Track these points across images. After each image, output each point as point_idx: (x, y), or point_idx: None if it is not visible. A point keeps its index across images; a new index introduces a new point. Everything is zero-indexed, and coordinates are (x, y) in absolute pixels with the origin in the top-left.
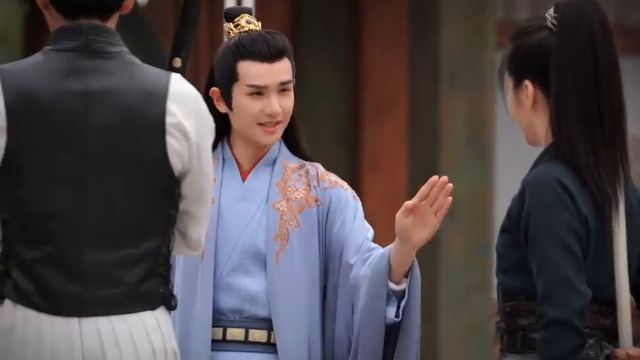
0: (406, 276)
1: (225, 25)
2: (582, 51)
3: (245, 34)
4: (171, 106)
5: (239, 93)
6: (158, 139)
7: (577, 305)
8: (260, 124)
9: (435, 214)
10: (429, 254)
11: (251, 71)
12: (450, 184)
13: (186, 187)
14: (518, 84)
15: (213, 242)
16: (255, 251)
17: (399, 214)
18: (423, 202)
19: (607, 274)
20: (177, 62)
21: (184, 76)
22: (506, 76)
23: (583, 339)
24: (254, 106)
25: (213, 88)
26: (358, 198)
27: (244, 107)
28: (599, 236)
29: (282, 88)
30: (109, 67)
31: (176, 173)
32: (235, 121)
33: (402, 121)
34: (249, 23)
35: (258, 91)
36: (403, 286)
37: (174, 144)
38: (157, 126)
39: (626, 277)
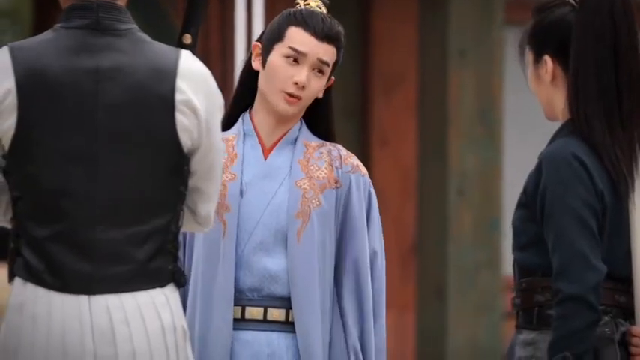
0: None
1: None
2: (602, 26)
3: (309, 7)
4: (181, 83)
5: (278, 52)
6: (168, 117)
7: (592, 281)
8: (283, 92)
9: None
10: (437, 231)
11: (298, 37)
12: None
13: (195, 164)
14: (538, 59)
15: (236, 218)
16: (277, 229)
17: None
18: None
19: (623, 252)
20: (187, 39)
21: (194, 53)
22: (527, 51)
23: (598, 315)
24: (286, 70)
25: (256, 42)
26: (373, 188)
27: (277, 67)
28: (615, 213)
29: (318, 68)
30: (120, 45)
31: (185, 150)
32: (263, 82)
33: (411, 97)
34: (320, 8)
35: (295, 57)
36: None
37: (183, 121)
38: (167, 103)
39: None
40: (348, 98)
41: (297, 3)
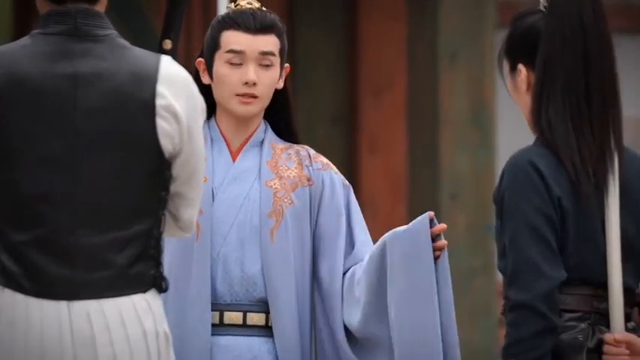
0: None
1: (228, 7)
2: (572, 32)
3: (238, 7)
4: (162, 88)
5: (219, 61)
6: (148, 122)
7: (542, 289)
8: (237, 95)
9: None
10: None
11: (232, 39)
12: (444, 225)
13: (177, 169)
14: (513, 68)
15: (209, 221)
16: (251, 230)
17: None
18: None
19: (599, 256)
20: (168, 44)
21: (175, 58)
22: (504, 61)
23: (549, 323)
24: (232, 74)
25: (199, 59)
26: (348, 183)
27: (223, 75)
28: (580, 217)
29: (263, 62)
30: (98, 50)
31: (167, 155)
32: (216, 93)
33: (400, 102)
34: (250, 4)
35: (237, 59)
36: None
37: (164, 126)
38: (147, 108)
39: (618, 260)
40: (336, 103)
41: (229, 7)
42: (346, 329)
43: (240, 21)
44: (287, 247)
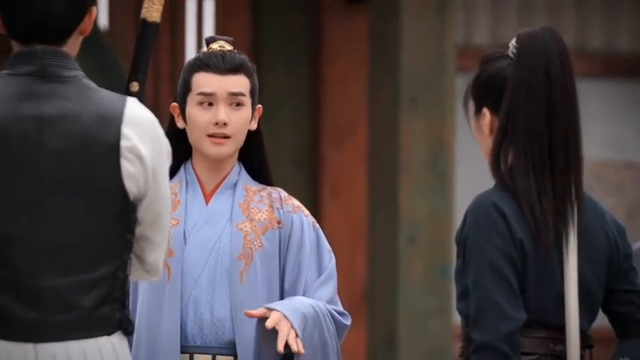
0: None
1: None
2: (537, 83)
3: (209, 50)
4: (126, 130)
5: (191, 104)
6: (113, 163)
7: (504, 330)
8: (209, 136)
9: None
10: (388, 280)
11: (202, 81)
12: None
13: (142, 212)
14: (478, 111)
15: (180, 263)
16: (221, 273)
17: None
18: None
19: (555, 300)
20: (135, 86)
21: (142, 99)
22: (470, 102)
23: None
24: (203, 115)
25: (173, 104)
26: (318, 225)
27: (194, 117)
28: (540, 261)
29: (234, 101)
30: (64, 91)
31: (131, 197)
32: (190, 136)
33: (362, 146)
34: (221, 47)
35: (208, 101)
36: None
37: (129, 168)
38: (112, 150)
39: (575, 305)
40: (299, 147)
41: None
42: None
43: (210, 62)
44: (255, 290)
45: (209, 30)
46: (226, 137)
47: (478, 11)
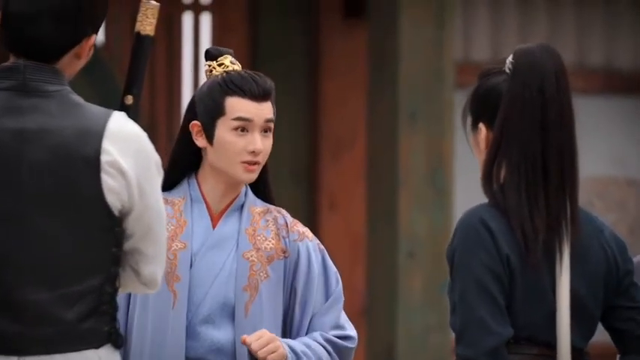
0: None
1: (205, 63)
2: (531, 99)
3: (233, 72)
4: (107, 145)
5: (224, 128)
6: (94, 178)
7: (488, 345)
8: (242, 162)
9: None
10: (387, 294)
11: (239, 106)
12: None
13: (131, 226)
14: (475, 125)
15: (187, 288)
16: (225, 302)
17: None
18: None
19: (545, 317)
20: (129, 100)
21: (137, 112)
22: (468, 117)
23: None
24: (238, 142)
25: (194, 122)
26: (322, 246)
27: (228, 142)
28: (528, 277)
29: (265, 128)
30: (47, 106)
31: (115, 212)
32: (214, 157)
33: (360, 160)
34: (234, 64)
35: (243, 127)
36: None
37: (110, 182)
38: (92, 164)
39: (567, 321)
40: (297, 162)
41: (212, 69)
42: None
43: (246, 88)
44: (260, 321)
45: (206, 43)
46: (257, 164)
47: (478, 27)
